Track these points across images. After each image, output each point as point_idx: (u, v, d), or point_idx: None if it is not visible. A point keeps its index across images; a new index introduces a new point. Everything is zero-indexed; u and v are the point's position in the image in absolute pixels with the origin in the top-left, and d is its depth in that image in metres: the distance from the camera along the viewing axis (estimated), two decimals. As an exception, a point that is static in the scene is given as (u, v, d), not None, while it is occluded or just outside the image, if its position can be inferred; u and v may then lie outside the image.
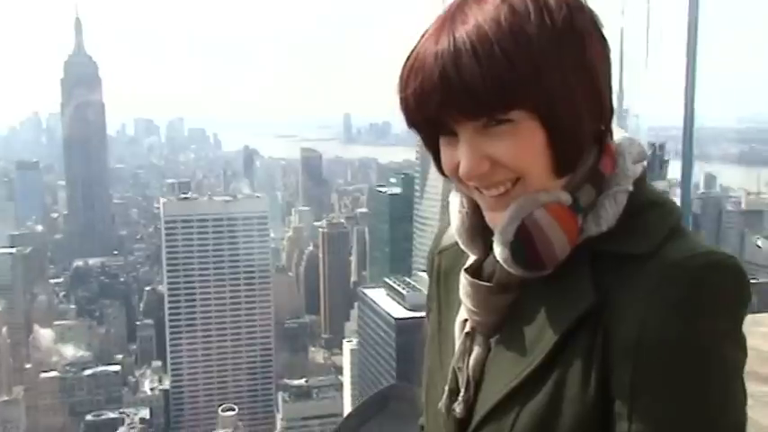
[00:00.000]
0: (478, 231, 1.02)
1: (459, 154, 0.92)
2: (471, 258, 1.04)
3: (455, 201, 1.05)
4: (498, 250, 0.94)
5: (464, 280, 1.01)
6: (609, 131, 0.98)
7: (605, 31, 0.94)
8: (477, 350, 1.01)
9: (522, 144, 0.89)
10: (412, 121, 0.94)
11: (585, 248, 0.93)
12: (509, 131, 0.89)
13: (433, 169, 0.97)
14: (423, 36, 0.93)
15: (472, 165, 0.91)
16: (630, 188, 0.95)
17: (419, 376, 1.13)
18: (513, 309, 0.98)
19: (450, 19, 0.90)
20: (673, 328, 0.84)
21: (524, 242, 0.91)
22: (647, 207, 0.94)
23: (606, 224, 0.93)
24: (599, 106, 0.93)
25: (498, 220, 0.94)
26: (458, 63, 0.86)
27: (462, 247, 1.04)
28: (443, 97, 0.88)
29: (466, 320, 1.03)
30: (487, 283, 0.99)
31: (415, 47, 0.93)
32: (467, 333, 1.02)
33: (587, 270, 0.91)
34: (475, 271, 1.01)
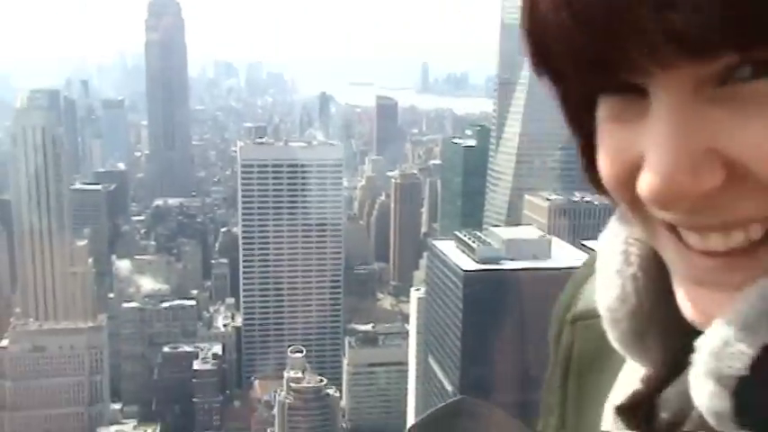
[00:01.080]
0: (656, 319, 0.49)
1: (649, 138, 0.40)
2: (635, 372, 0.52)
3: (613, 243, 0.53)
4: (701, 390, 0.42)
5: (616, 425, 0.52)
6: None
7: None
8: None
9: None
10: (547, 56, 0.44)
11: None
12: None
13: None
14: None
15: (680, 167, 0.38)
16: None
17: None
18: None
19: None
20: None
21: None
22: None
23: None
24: None
25: (714, 314, 0.41)
26: None
27: (616, 346, 0.52)
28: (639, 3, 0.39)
29: None
30: None
31: None
32: None
33: None
34: (636, 406, 0.49)
